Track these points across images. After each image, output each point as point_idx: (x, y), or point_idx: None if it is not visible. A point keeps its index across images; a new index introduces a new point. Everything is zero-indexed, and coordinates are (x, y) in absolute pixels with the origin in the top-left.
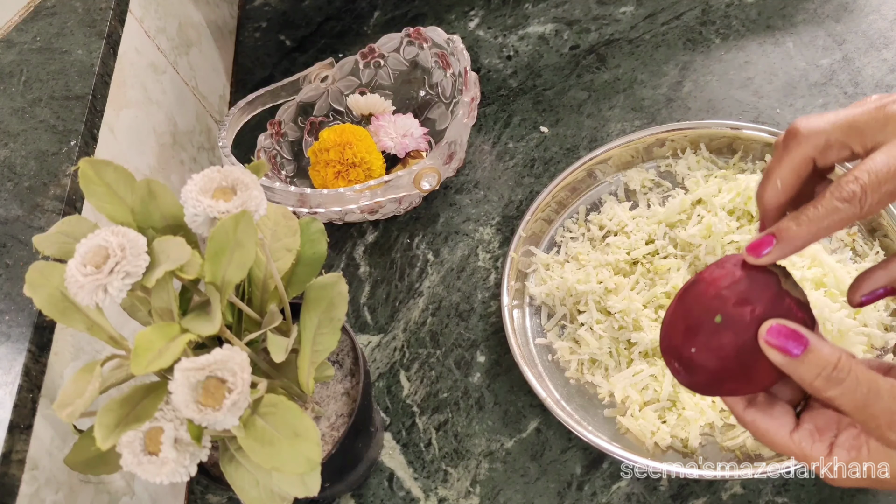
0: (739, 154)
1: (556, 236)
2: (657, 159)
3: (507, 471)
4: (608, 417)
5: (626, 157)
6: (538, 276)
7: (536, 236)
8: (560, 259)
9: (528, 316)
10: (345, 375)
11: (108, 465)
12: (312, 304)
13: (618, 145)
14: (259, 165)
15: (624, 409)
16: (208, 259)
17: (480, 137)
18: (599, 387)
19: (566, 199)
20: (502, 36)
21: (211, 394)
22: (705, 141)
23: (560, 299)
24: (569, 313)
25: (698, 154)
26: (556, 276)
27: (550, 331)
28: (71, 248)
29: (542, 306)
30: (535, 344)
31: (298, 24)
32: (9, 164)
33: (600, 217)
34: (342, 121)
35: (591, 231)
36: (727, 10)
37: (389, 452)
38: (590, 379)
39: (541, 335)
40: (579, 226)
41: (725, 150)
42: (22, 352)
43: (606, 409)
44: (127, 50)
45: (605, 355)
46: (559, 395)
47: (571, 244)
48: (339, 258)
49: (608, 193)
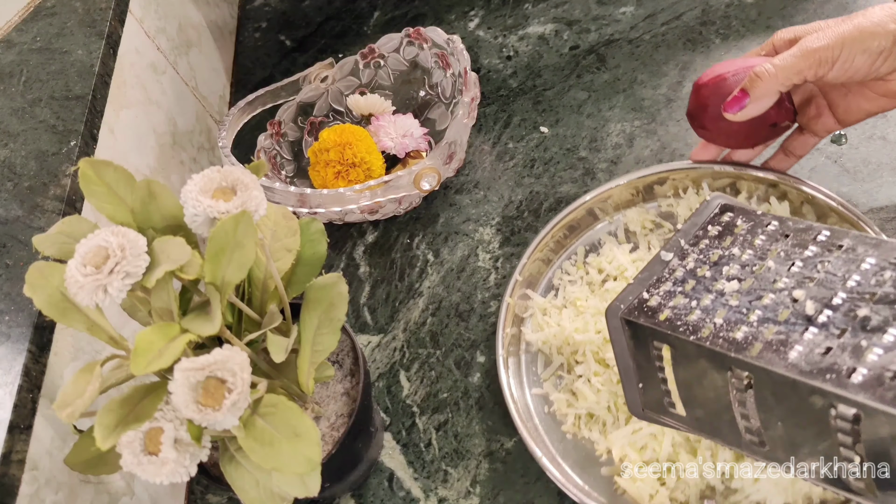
0: (743, 195)
1: (553, 279)
2: (658, 198)
3: (507, 471)
4: (605, 476)
5: (627, 196)
6: (535, 322)
7: (534, 278)
8: (558, 304)
9: (524, 363)
10: (345, 375)
11: (108, 466)
12: (312, 304)
13: (618, 184)
14: (259, 165)
15: (621, 468)
16: (208, 259)
17: (480, 137)
18: (597, 443)
19: (564, 239)
20: (502, 36)
21: (211, 394)
22: (708, 180)
23: (557, 348)
24: (566, 363)
25: (700, 194)
26: (554, 322)
27: (547, 380)
28: (71, 248)
29: (538, 353)
30: (531, 394)
31: (298, 24)
32: (9, 164)
33: (599, 259)
34: (342, 121)
35: (590, 274)
36: (727, 10)
37: (389, 452)
38: (587, 434)
39: (537, 384)
40: (578, 268)
41: (729, 190)
42: (22, 352)
43: (604, 466)
44: (127, 50)
45: (603, 410)
46: (555, 450)
47: (569, 288)
48: (339, 258)
49: (608, 234)
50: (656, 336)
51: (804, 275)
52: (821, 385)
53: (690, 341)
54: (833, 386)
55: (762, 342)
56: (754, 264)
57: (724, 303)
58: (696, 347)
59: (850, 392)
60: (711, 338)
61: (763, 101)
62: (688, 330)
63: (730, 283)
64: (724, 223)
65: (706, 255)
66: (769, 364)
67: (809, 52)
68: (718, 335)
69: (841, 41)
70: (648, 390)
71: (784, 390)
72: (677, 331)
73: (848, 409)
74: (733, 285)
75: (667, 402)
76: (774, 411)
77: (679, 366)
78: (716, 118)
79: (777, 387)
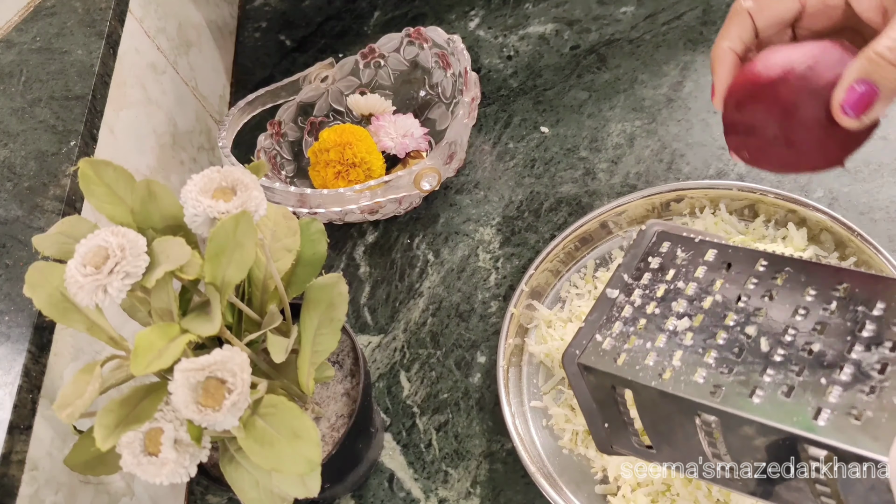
0: (762, 218)
1: (561, 291)
2: (674, 216)
3: (507, 472)
4: (599, 495)
5: (642, 211)
6: (539, 334)
7: (542, 288)
8: (563, 317)
9: (525, 375)
10: (345, 376)
11: (107, 466)
12: (312, 304)
13: (636, 199)
14: (259, 165)
15: (616, 488)
16: (208, 259)
17: (480, 137)
18: (593, 461)
19: (575, 251)
20: (503, 36)
21: (211, 394)
22: (726, 201)
23: (559, 362)
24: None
25: (717, 215)
26: (557, 336)
27: (547, 394)
28: (71, 248)
29: (540, 365)
30: (529, 406)
31: (298, 24)
32: (9, 165)
33: (609, 274)
34: (342, 121)
35: (598, 289)
36: (728, 10)
37: (390, 453)
38: (583, 452)
39: (537, 397)
40: (586, 281)
41: (747, 211)
42: (22, 352)
43: (598, 485)
44: (127, 50)
45: None
46: (552, 467)
47: (576, 301)
48: (339, 258)
49: (619, 248)
50: (616, 381)
51: (753, 307)
52: (790, 430)
53: (653, 388)
54: (802, 430)
55: (723, 385)
56: (702, 298)
57: (679, 342)
58: (659, 394)
59: (820, 435)
60: (673, 383)
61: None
62: (647, 375)
63: (680, 320)
64: (663, 254)
65: (651, 291)
66: (737, 409)
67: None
68: (679, 380)
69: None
70: (615, 430)
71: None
72: (637, 377)
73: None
74: (684, 322)
75: (634, 440)
76: (745, 452)
77: (644, 408)
78: (813, 126)
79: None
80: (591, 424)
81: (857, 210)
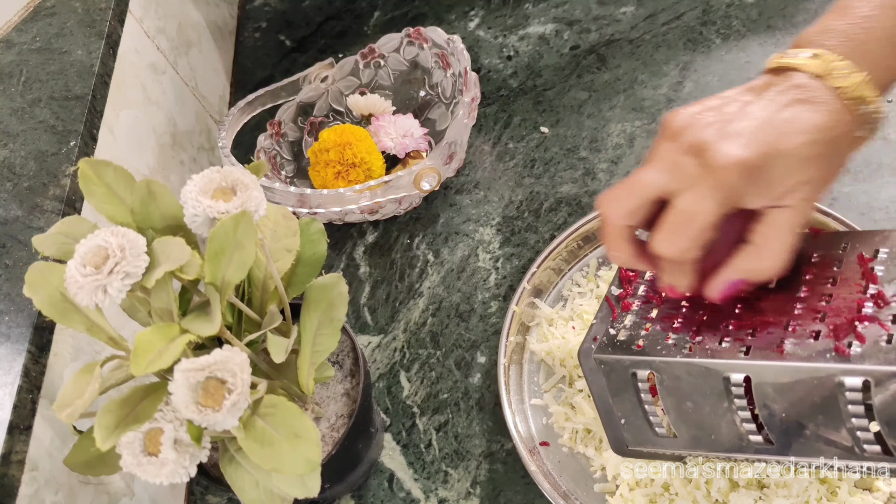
0: None
1: (563, 289)
2: None
3: (507, 472)
4: (598, 493)
5: None
6: (540, 332)
7: (543, 286)
8: (565, 315)
9: (526, 372)
10: (345, 376)
11: (107, 466)
12: (312, 304)
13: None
14: (259, 166)
15: (615, 487)
16: (208, 259)
17: (480, 138)
18: (592, 459)
19: (578, 250)
20: (502, 36)
21: (211, 394)
22: None
23: (560, 360)
24: (568, 376)
25: None
26: (559, 334)
27: (548, 392)
28: (70, 248)
29: (541, 363)
30: (530, 404)
31: (298, 24)
32: (8, 165)
33: (611, 273)
34: (342, 121)
35: (601, 288)
36: (728, 10)
37: (390, 453)
38: (582, 450)
39: (538, 395)
40: (589, 280)
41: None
42: (22, 352)
43: (597, 483)
44: (127, 50)
45: (599, 427)
46: (551, 465)
47: (578, 300)
48: (339, 258)
49: None
50: (639, 365)
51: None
52: (825, 365)
53: (678, 361)
54: (836, 362)
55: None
56: None
57: (697, 318)
58: (685, 366)
59: (855, 364)
60: (699, 353)
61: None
62: (670, 353)
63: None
64: None
65: (652, 283)
66: (768, 359)
67: None
68: (705, 349)
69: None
70: (632, 425)
71: (786, 381)
72: (661, 354)
73: (856, 380)
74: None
75: (654, 431)
76: (777, 406)
77: (668, 390)
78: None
79: (779, 379)
80: (607, 422)
81: (857, 210)
